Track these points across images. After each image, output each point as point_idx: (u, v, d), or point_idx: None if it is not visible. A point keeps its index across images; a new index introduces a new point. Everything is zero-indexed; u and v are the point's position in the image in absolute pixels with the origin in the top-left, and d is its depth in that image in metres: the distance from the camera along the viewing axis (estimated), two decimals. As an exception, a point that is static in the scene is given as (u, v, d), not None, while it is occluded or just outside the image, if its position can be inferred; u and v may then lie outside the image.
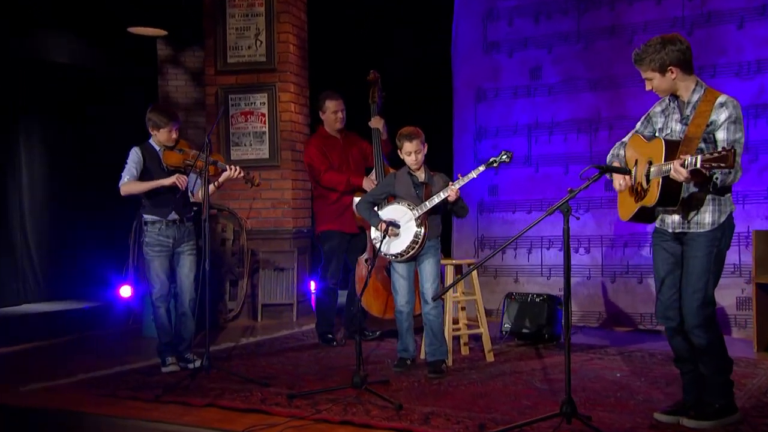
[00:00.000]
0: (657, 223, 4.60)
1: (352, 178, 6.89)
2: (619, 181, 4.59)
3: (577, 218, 4.62)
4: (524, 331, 6.89)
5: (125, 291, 8.37)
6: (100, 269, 9.55)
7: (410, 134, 5.72)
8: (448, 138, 8.76)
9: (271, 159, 8.66)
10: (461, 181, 5.66)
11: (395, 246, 5.74)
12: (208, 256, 5.52)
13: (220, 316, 8.20)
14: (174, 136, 5.94)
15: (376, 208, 5.94)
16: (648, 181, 4.39)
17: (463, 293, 6.59)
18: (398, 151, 5.83)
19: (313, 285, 8.57)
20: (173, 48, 10.70)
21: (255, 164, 8.46)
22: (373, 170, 6.98)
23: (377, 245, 5.79)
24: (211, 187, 6.05)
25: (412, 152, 5.73)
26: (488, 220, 8.50)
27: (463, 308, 6.60)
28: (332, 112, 7.01)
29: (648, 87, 4.47)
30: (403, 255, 5.76)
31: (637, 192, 4.52)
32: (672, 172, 4.07)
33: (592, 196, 7.91)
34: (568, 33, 8.18)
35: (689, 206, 4.36)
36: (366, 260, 6.96)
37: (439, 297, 5.20)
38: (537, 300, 6.93)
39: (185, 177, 5.82)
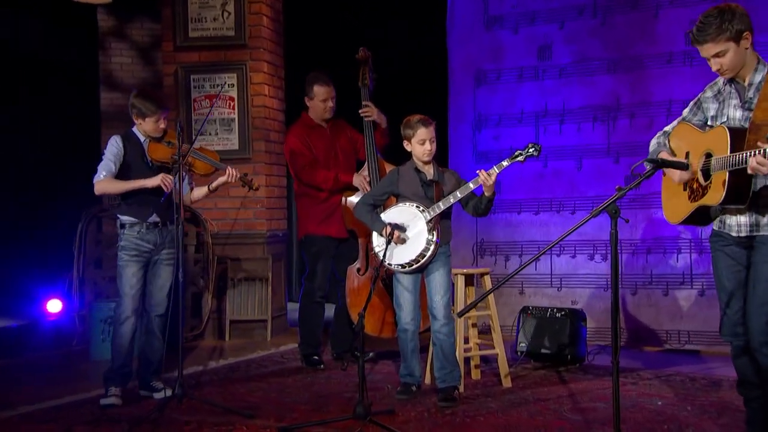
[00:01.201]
0: (715, 226, 4.54)
1: (340, 175, 6.84)
2: (678, 175, 4.53)
3: (627, 221, 4.52)
4: (543, 351, 6.87)
5: (53, 306, 8.24)
6: (25, 281, 9.29)
7: (424, 120, 5.69)
8: (442, 128, 8.44)
9: (242, 150, 8.62)
10: (492, 172, 5.59)
11: (401, 255, 5.67)
12: (182, 264, 5.45)
13: (182, 336, 8.00)
14: (162, 126, 5.84)
15: (377, 211, 5.92)
16: (707, 176, 4.33)
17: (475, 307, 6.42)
18: (404, 142, 5.78)
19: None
20: (117, 18, 10.48)
21: (222, 156, 8.11)
22: (365, 164, 6.94)
23: (380, 254, 5.70)
24: (202, 190, 6.02)
25: (426, 140, 5.68)
26: (489, 223, 8.43)
27: (473, 325, 6.56)
28: (321, 100, 6.96)
29: (715, 67, 4.38)
30: (411, 265, 5.69)
31: (693, 189, 4.47)
32: (754, 164, 3.97)
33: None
34: (582, 6, 8.17)
35: (758, 205, 4.30)
36: (358, 269, 6.92)
37: (464, 313, 5.05)
38: (558, 315, 6.90)
39: (172, 177, 5.68)
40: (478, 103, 8.62)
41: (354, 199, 6.82)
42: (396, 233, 5.60)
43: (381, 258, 5.66)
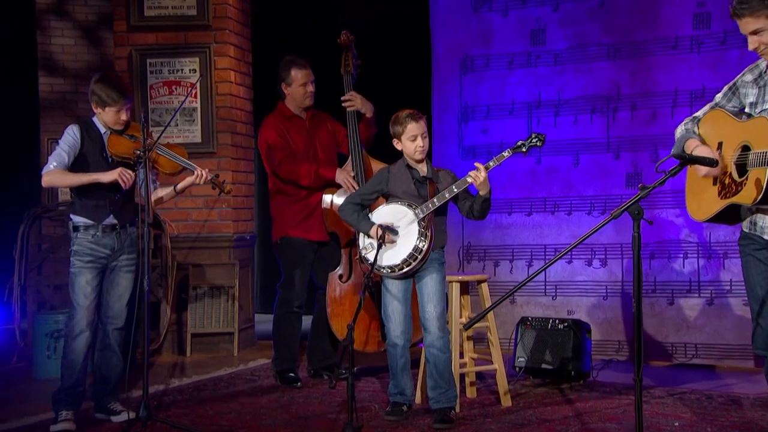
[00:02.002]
0: (745, 227, 4.53)
1: (321, 170, 6.79)
2: (705, 169, 4.53)
3: (650, 222, 4.47)
4: (544, 366, 6.80)
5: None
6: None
7: (414, 114, 5.68)
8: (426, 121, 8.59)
9: (205, 144, 8.54)
10: (486, 166, 5.57)
11: (389, 256, 5.62)
12: (147, 271, 5.37)
13: (135, 350, 7.92)
14: (124, 117, 5.71)
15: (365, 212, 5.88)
16: (742, 171, 4.30)
17: (470, 318, 6.36)
18: (394, 140, 5.77)
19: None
20: (58, -7, 10.37)
21: (183, 151, 8.18)
22: (349, 159, 6.93)
23: (369, 257, 5.65)
24: (168, 191, 5.91)
25: (417, 136, 5.66)
26: (477, 225, 8.37)
27: (469, 338, 6.50)
28: (300, 85, 6.91)
29: (752, 46, 4.42)
30: (402, 268, 5.62)
31: (724, 184, 4.45)
32: None
33: (610, 194, 7.93)
34: (579, -16, 8.12)
35: None
36: (340, 276, 6.87)
37: (471, 326, 4.95)
38: (560, 327, 6.85)
39: (131, 173, 5.58)
40: (464, 93, 8.57)
41: (336, 197, 6.80)
42: (388, 235, 5.56)
43: (370, 263, 5.61)
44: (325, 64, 7.26)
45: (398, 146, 5.75)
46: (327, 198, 6.86)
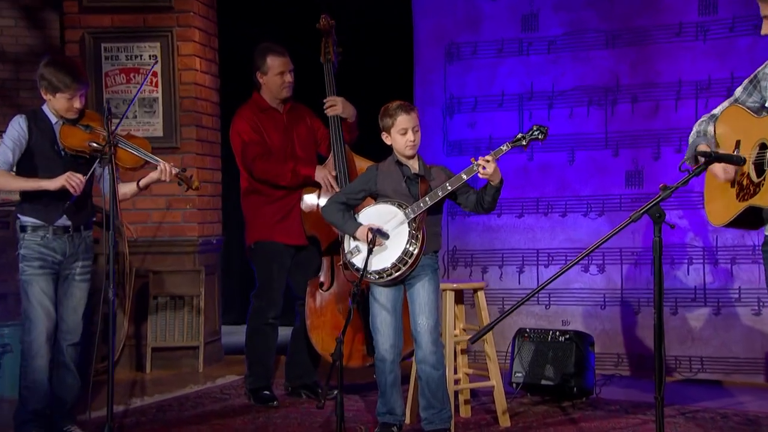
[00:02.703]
0: (767, 231, 4.57)
1: (300, 168, 6.75)
2: (723, 174, 4.57)
3: (672, 226, 4.56)
4: (544, 383, 6.81)
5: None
6: None
7: (404, 106, 5.68)
8: None
9: (167, 138, 8.43)
10: (473, 168, 5.55)
11: (377, 261, 5.56)
12: (113, 279, 5.29)
13: (89, 367, 7.75)
14: (77, 105, 5.56)
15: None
16: (761, 171, 4.34)
17: (464, 330, 6.41)
18: (383, 134, 5.75)
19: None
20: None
21: (143, 146, 8.08)
22: (330, 156, 6.93)
23: (356, 261, 5.61)
24: (130, 186, 5.81)
25: (408, 129, 5.64)
26: (463, 227, 8.44)
27: (463, 351, 6.47)
28: (277, 74, 6.85)
29: (766, 30, 4.30)
30: (391, 274, 5.55)
31: (742, 186, 4.48)
32: None
33: (608, 194, 7.95)
34: (575, -35, 8.12)
35: None
36: (320, 284, 6.85)
37: (477, 339, 4.91)
38: (561, 339, 6.85)
39: (81, 177, 5.43)
40: (449, 83, 8.55)
41: (316, 197, 6.78)
42: (378, 238, 5.50)
43: (356, 268, 5.58)
44: (303, 52, 7.22)
45: (387, 140, 5.72)
46: (306, 198, 6.81)
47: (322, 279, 6.87)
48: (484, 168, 5.44)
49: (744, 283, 7.33)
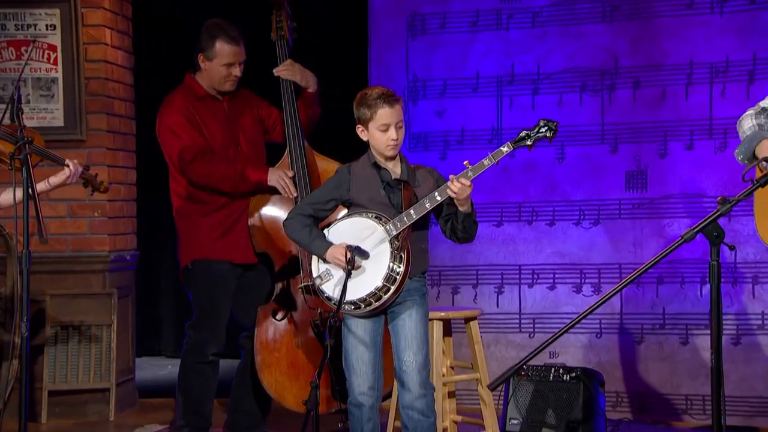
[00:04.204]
0: None
1: (248, 169, 6.61)
2: None
3: (732, 248, 4.43)
4: (546, 431, 6.83)
5: None
6: None
7: (387, 96, 5.51)
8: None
9: (69, 128, 8.14)
10: (471, 172, 5.36)
11: (353, 287, 5.42)
12: (27, 310, 5.33)
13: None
14: None
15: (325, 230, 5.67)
16: None
17: (452, 368, 6.53)
18: (358, 127, 5.60)
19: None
20: None
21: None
22: (286, 153, 6.80)
23: (327, 288, 5.49)
24: (40, 185, 5.66)
25: (390, 126, 5.48)
26: (429, 238, 8.05)
27: (451, 394, 6.57)
28: (224, 64, 6.70)
29: None
30: (369, 303, 5.42)
31: None
32: None
33: (605, 198, 7.85)
34: None
35: None
36: (274, 313, 6.74)
37: (495, 387, 5.02)
38: (565, 379, 6.80)
39: None
40: (412, 63, 8.42)
41: (268, 205, 6.71)
42: (358, 260, 5.39)
43: (329, 297, 5.47)
44: (248, 25, 7.07)
45: (363, 135, 5.58)
46: (256, 206, 6.71)
47: (275, 306, 6.74)
48: (455, 189, 5.30)
49: (768, 306, 7.36)
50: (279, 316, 6.72)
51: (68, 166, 5.64)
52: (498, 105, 8.13)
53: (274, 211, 6.59)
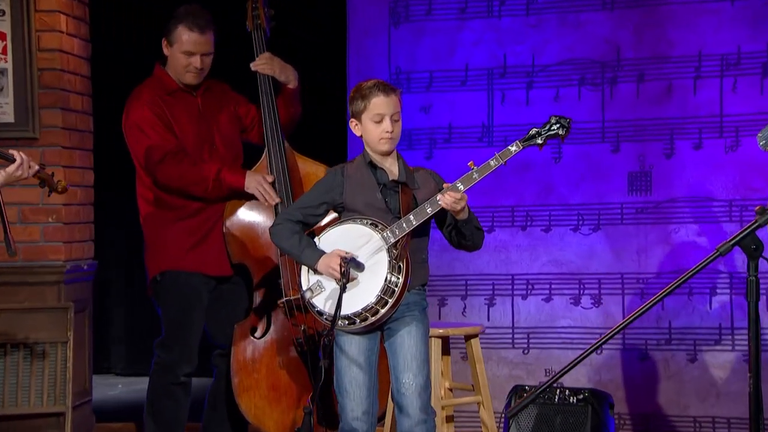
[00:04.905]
0: None
1: (224, 172, 6.55)
2: None
3: None
4: None
5: None
6: None
7: (383, 85, 5.51)
8: (339, 92, 8.54)
9: (21, 125, 8.01)
10: (473, 176, 5.35)
11: (347, 301, 5.35)
12: None
13: None
14: None
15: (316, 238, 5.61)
16: None
17: (451, 389, 6.60)
18: (351, 122, 5.59)
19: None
20: None
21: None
22: (264, 156, 6.74)
23: (317, 302, 5.41)
24: None
25: (385, 117, 5.45)
26: None
27: (450, 419, 6.67)
28: (183, 52, 6.60)
29: None
30: (365, 318, 5.35)
31: None
32: None
33: (606, 202, 7.83)
34: None
35: None
36: (252, 330, 6.66)
37: (515, 414, 5.12)
38: (572, 401, 6.70)
39: None
40: (395, 53, 8.34)
41: (244, 211, 6.64)
42: (353, 271, 5.34)
43: (320, 311, 5.40)
44: (222, 15, 7.04)
45: (357, 130, 5.56)
46: (231, 213, 6.63)
47: (254, 322, 6.67)
48: (447, 203, 5.31)
49: (784, 319, 7.51)
50: (258, 333, 6.66)
51: (15, 160, 5.54)
52: (489, 100, 8.09)
53: (251, 218, 6.50)
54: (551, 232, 7.86)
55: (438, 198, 5.33)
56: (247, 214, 6.62)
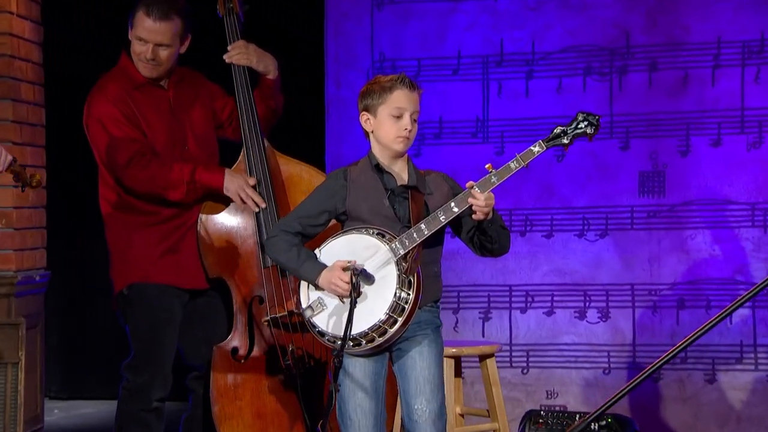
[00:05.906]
0: None
1: (200, 173, 6.41)
2: None
3: None
4: None
5: None
6: None
7: (406, 79, 5.36)
8: (317, 82, 8.65)
9: None
10: (492, 180, 5.21)
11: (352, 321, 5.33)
12: None
13: None
14: None
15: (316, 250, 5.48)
16: None
17: (461, 415, 6.62)
18: (363, 116, 5.40)
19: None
20: None
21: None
22: (242, 156, 6.61)
23: (319, 322, 5.28)
24: None
25: (406, 112, 5.32)
26: None
27: None
28: (137, 37, 6.42)
29: None
30: (372, 339, 5.22)
31: None
32: None
33: (614, 205, 7.85)
34: None
35: None
36: (233, 351, 6.52)
37: None
38: (594, 428, 6.78)
39: None
40: (378, 38, 8.39)
41: (222, 218, 6.51)
42: (361, 282, 5.24)
43: (322, 332, 5.26)
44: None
45: (367, 125, 5.39)
46: (207, 219, 6.52)
47: (236, 343, 6.53)
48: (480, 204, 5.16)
49: (811, 336, 7.49)
50: (239, 355, 6.56)
51: None
52: (484, 91, 8.13)
53: (230, 224, 6.38)
54: (553, 238, 7.89)
55: (464, 196, 5.19)
56: (225, 220, 6.50)
